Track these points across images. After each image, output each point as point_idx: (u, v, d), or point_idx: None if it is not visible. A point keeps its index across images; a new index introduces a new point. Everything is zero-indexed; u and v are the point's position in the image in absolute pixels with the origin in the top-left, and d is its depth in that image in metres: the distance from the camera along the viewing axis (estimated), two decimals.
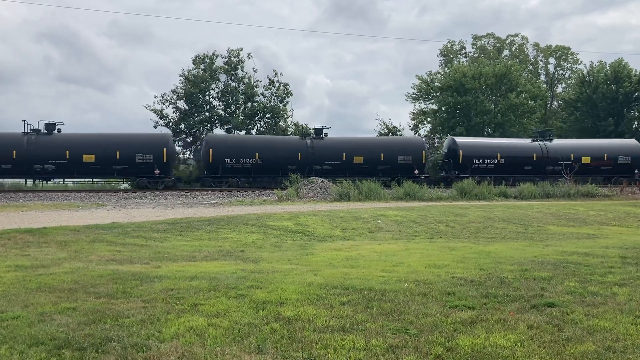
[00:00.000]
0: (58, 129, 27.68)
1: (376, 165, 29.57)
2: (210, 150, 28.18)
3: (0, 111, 78.53)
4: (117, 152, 26.90)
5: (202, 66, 38.99)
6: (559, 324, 4.55)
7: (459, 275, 6.66)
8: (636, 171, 31.19)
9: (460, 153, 30.37)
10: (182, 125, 38.27)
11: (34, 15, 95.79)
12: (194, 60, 39.44)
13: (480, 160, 30.56)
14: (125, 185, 31.52)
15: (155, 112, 38.56)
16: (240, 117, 38.31)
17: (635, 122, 45.01)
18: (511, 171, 30.55)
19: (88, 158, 26.54)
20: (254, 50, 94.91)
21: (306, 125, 40.90)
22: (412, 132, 45.12)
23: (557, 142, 33.11)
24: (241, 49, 40.13)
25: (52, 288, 5.82)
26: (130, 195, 23.17)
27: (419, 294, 5.55)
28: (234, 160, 28.25)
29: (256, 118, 39.31)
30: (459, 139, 32.18)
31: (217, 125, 39.20)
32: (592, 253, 8.64)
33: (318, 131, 30.73)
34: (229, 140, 30.75)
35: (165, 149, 27.64)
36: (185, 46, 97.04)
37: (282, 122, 39.63)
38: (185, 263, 7.78)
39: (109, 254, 8.58)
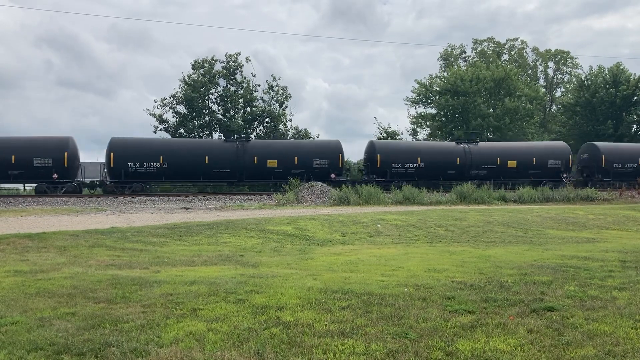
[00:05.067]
0: None
1: (290, 169, 27.71)
2: (112, 154, 26.63)
3: (1, 115, 78.61)
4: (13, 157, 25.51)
5: (201, 71, 39.07)
6: (559, 328, 4.55)
7: (459, 279, 6.65)
8: (565, 175, 30.61)
9: (378, 157, 29.34)
10: (182, 130, 38.31)
11: (33, 20, 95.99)
12: (193, 65, 39.55)
13: (400, 165, 29.56)
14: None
15: (155, 117, 38.64)
16: (240, 122, 38.36)
17: (634, 126, 45.09)
18: (433, 175, 29.67)
19: None
20: (252, 55, 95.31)
21: (305, 128, 40.98)
22: (411, 137, 45.17)
23: (483, 145, 32.27)
24: (239, 54, 40.25)
25: (51, 293, 5.80)
26: (129, 200, 23.16)
27: (418, 298, 5.54)
28: (137, 164, 26.83)
29: (255, 122, 39.37)
30: (377, 142, 31.64)
31: (216, 129, 39.27)
32: (591, 257, 8.63)
33: (229, 134, 28.94)
34: (131, 143, 28.22)
35: (66, 153, 26.07)
36: (184, 50, 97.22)
37: (281, 126, 39.68)
38: (184, 268, 7.77)
39: (108, 258, 8.57)
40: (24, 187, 28.71)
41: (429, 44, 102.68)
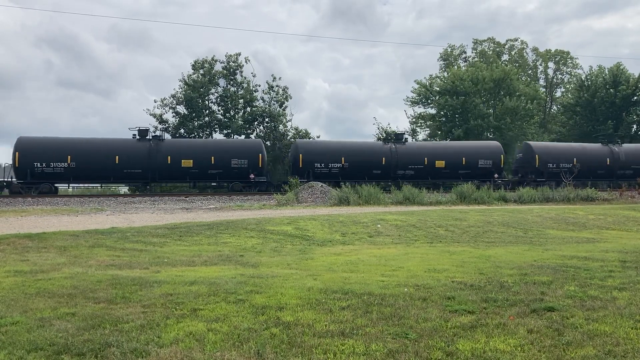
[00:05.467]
0: None
1: (207, 169, 27.59)
2: (17, 153, 25.80)
3: (1, 116, 78.62)
4: None
5: (201, 71, 39.08)
6: (559, 328, 4.55)
7: (459, 279, 6.65)
8: (496, 175, 30.03)
9: (301, 157, 28.90)
10: (182, 130, 38.32)
11: (33, 20, 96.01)
12: (193, 65, 39.56)
13: (323, 165, 28.98)
14: None
15: (154, 117, 38.65)
16: (240, 122, 38.36)
17: (634, 126, 45.11)
18: (358, 176, 28.75)
19: None
20: (252, 55, 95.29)
21: (306, 129, 40.98)
22: (410, 137, 45.18)
23: (410, 145, 31.60)
24: (239, 54, 40.26)
25: (51, 293, 5.80)
26: (129, 200, 23.16)
27: (418, 299, 5.54)
28: (44, 164, 25.98)
29: (255, 122, 39.38)
30: (300, 142, 31.15)
31: (216, 129, 39.29)
32: (591, 257, 8.63)
33: (143, 132, 27.83)
34: (37, 142, 27.10)
35: None
36: (184, 50, 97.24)
37: (281, 127, 39.69)
38: (184, 268, 7.77)
39: (108, 259, 8.57)
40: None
41: (429, 44, 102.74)
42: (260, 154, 28.23)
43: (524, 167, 31.79)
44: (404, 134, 34.24)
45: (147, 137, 27.79)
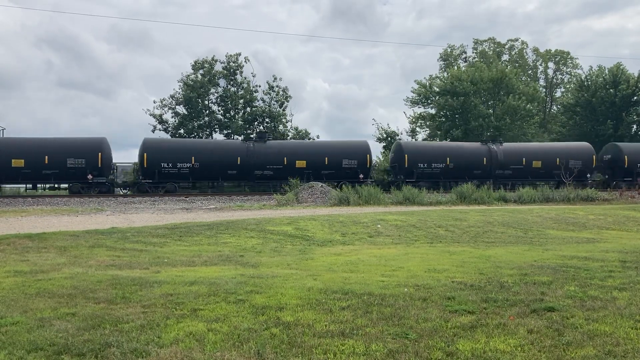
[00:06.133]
0: None
1: (41, 170, 26.10)
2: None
3: (1, 116, 78.67)
4: None
5: (200, 71, 39.10)
6: (559, 328, 4.55)
7: (459, 279, 6.65)
8: (361, 176, 28.86)
9: (145, 156, 27.36)
10: (182, 130, 38.33)
11: (33, 20, 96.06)
12: (193, 66, 39.57)
13: (171, 165, 27.61)
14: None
15: (154, 117, 38.67)
16: (240, 122, 38.38)
17: (634, 126, 45.10)
18: (210, 176, 28.03)
19: None
20: (252, 55, 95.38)
21: (305, 129, 41.01)
22: (410, 137, 45.16)
23: (271, 144, 29.67)
24: (239, 54, 40.27)
25: (52, 293, 5.80)
26: (129, 200, 23.16)
27: (418, 299, 5.54)
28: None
29: (255, 123, 39.40)
30: (149, 140, 29.32)
31: (216, 130, 39.30)
32: (592, 257, 8.63)
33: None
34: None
35: None
36: (184, 50, 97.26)
37: (281, 127, 39.72)
38: (184, 268, 7.77)
39: (108, 259, 8.57)
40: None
41: (429, 44, 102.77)
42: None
43: (393, 167, 30.98)
44: (265, 132, 32.82)
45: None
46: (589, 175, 31.06)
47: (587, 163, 31.59)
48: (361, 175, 28.94)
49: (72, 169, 26.19)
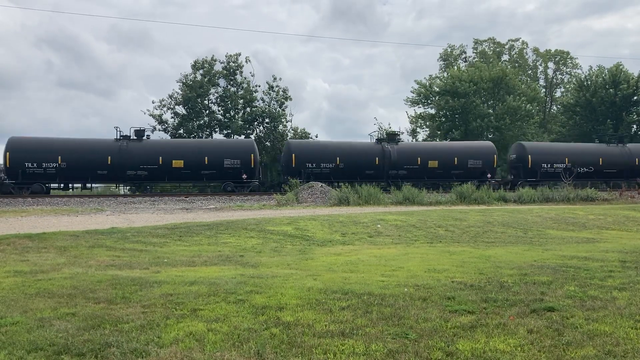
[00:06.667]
0: None
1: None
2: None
3: (1, 116, 78.68)
4: None
5: (200, 71, 39.09)
6: (559, 328, 4.55)
7: (459, 279, 6.65)
8: (244, 176, 27.83)
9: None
10: (182, 130, 38.32)
11: (33, 21, 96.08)
12: (192, 66, 39.57)
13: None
14: None
15: (154, 117, 38.66)
16: (240, 122, 38.37)
17: (634, 126, 45.11)
18: (80, 177, 26.77)
19: None
20: (252, 55, 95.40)
21: (304, 128, 41.01)
22: (410, 137, 45.18)
23: (149, 142, 27.98)
24: (239, 54, 40.27)
25: (51, 293, 5.80)
26: (129, 200, 23.15)
27: (418, 299, 5.54)
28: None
29: (255, 123, 39.39)
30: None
31: (216, 130, 39.30)
32: (591, 257, 8.63)
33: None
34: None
35: None
36: (184, 50, 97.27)
37: (281, 127, 39.72)
38: (184, 268, 7.77)
39: (108, 259, 8.57)
40: None
41: (429, 44, 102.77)
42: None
43: (282, 168, 30.28)
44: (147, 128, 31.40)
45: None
46: (489, 176, 29.86)
47: (488, 163, 30.41)
48: (244, 176, 27.67)
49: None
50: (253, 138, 37.92)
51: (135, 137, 27.55)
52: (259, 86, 40.30)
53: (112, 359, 3.83)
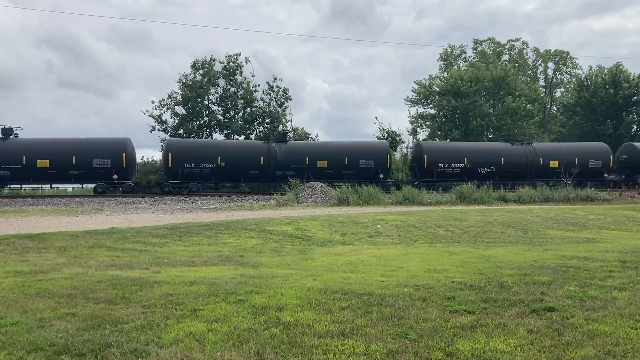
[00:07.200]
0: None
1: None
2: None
3: (1, 116, 78.66)
4: None
5: (200, 71, 39.07)
6: (559, 328, 4.55)
7: (459, 279, 6.65)
8: (115, 177, 26.68)
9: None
10: (181, 130, 38.28)
11: (33, 21, 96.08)
12: (192, 66, 39.54)
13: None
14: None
15: (153, 118, 38.63)
16: (240, 122, 38.36)
17: (635, 126, 45.10)
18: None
19: None
20: (252, 55, 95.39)
21: (303, 127, 41.02)
22: (411, 137, 45.18)
23: (14, 141, 26.76)
24: (239, 54, 40.26)
25: (51, 294, 5.80)
26: (129, 201, 23.15)
27: (418, 299, 5.54)
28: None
29: (255, 123, 39.38)
30: None
31: (216, 130, 39.28)
32: (591, 257, 8.63)
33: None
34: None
35: None
36: (184, 50, 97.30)
37: (281, 127, 39.70)
38: (184, 268, 7.77)
39: (108, 259, 8.57)
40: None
41: (429, 44, 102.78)
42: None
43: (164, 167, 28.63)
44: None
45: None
46: (381, 176, 28.50)
47: (381, 163, 28.96)
48: (115, 176, 26.71)
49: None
50: (253, 138, 37.91)
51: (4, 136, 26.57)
52: (259, 85, 40.32)
53: (112, 359, 3.83)
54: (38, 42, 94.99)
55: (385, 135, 41.20)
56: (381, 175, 28.63)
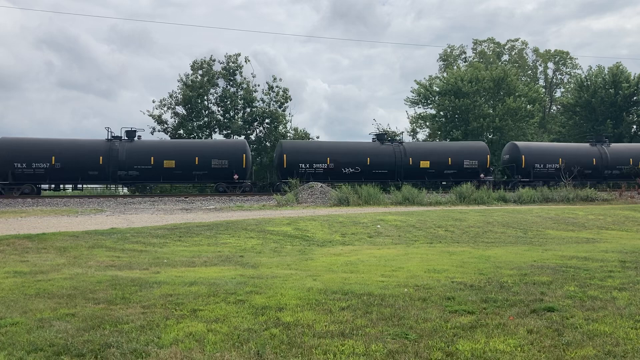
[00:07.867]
0: None
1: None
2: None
3: (1, 116, 78.69)
4: None
5: (200, 72, 39.07)
6: (559, 328, 4.55)
7: (459, 279, 6.65)
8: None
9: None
10: (181, 131, 38.27)
11: (32, 21, 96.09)
12: (192, 66, 39.53)
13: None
14: None
15: (153, 118, 38.61)
16: (240, 122, 38.35)
17: (634, 126, 45.09)
18: None
19: None
20: (252, 55, 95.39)
21: (304, 128, 41.02)
22: (411, 137, 45.16)
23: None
24: (239, 54, 40.25)
25: (51, 294, 5.80)
26: (129, 201, 23.14)
27: (418, 299, 5.54)
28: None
29: (255, 123, 39.37)
30: None
31: (216, 130, 39.26)
32: (591, 257, 8.63)
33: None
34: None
35: None
36: (183, 51, 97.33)
37: (281, 127, 39.68)
38: (184, 268, 7.77)
39: (108, 259, 8.56)
40: None
41: (429, 45, 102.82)
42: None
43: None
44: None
45: None
46: (236, 177, 27.01)
47: (236, 163, 27.30)
48: (236, 176, 27.00)
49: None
50: (253, 138, 37.93)
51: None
52: (259, 86, 40.31)
53: (111, 359, 3.83)
54: (38, 43, 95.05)
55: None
56: (236, 176, 27.14)
